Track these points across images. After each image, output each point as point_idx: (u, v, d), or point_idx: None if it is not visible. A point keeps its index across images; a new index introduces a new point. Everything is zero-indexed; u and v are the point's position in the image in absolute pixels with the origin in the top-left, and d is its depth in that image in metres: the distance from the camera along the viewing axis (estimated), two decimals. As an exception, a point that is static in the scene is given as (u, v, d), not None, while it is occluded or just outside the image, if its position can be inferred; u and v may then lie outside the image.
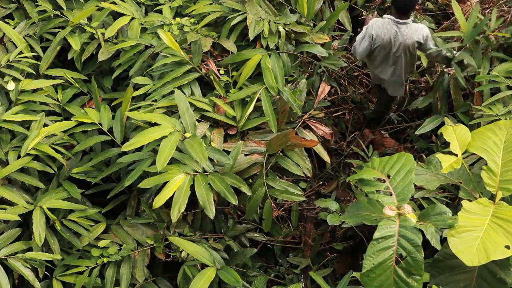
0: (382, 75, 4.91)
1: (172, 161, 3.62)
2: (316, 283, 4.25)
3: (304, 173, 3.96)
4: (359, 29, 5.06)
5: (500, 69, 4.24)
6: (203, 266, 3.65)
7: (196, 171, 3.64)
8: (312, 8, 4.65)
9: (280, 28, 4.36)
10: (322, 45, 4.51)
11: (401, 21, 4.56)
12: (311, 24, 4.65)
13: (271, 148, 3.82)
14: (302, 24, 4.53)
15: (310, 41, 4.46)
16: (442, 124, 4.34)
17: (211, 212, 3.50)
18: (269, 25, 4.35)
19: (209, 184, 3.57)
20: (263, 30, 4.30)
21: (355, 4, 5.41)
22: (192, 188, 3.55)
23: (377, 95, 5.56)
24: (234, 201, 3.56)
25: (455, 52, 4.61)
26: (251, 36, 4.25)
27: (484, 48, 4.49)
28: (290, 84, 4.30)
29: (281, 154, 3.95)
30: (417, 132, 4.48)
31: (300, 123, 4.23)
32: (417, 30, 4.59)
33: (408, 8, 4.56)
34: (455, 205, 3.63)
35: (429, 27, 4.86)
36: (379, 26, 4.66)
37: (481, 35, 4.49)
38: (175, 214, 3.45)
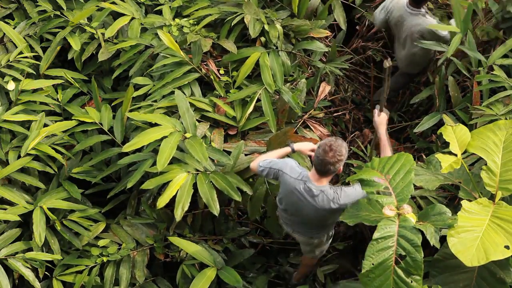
0: (396, 50, 5.04)
1: (174, 160, 3.63)
2: (318, 281, 4.26)
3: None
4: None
5: (496, 55, 4.24)
6: (202, 265, 3.66)
7: (198, 170, 3.64)
8: (304, 6, 4.65)
9: (278, 26, 4.36)
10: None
11: (410, 10, 4.61)
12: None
13: (271, 147, 3.82)
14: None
15: (310, 36, 4.46)
16: (441, 121, 4.33)
17: (215, 209, 3.50)
18: (268, 22, 4.35)
19: (211, 182, 3.57)
20: (263, 27, 4.31)
21: (353, 3, 5.37)
22: (193, 188, 3.54)
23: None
24: (238, 197, 3.56)
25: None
26: (252, 34, 4.25)
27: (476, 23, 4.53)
28: (289, 84, 4.30)
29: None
30: (416, 130, 4.46)
31: (300, 123, 4.23)
32: (418, 23, 4.62)
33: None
34: (455, 205, 3.63)
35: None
36: (395, 2, 4.71)
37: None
38: (179, 213, 3.45)
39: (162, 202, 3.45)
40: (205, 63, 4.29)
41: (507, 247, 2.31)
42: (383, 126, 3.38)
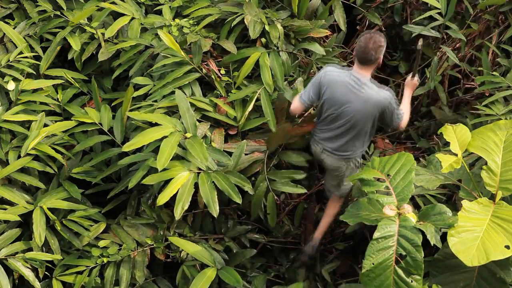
0: None
1: (176, 158, 3.62)
2: (319, 280, 4.26)
3: (306, 162, 4.00)
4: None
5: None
6: (203, 266, 3.66)
7: (200, 169, 3.64)
8: (304, 6, 4.63)
9: (279, 26, 4.36)
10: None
11: None
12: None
13: (271, 144, 3.83)
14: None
15: (310, 36, 4.46)
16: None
17: (215, 210, 3.49)
18: (268, 23, 4.35)
19: (213, 182, 3.57)
20: (264, 28, 4.31)
21: (353, 3, 5.34)
22: (194, 187, 3.54)
23: None
24: (238, 199, 3.55)
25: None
26: (252, 35, 4.25)
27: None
28: (286, 83, 4.29)
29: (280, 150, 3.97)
30: None
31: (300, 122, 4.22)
32: None
33: None
34: (452, 202, 3.63)
35: None
36: None
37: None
38: (179, 211, 3.45)
39: (162, 199, 3.44)
40: (205, 63, 4.29)
41: (507, 247, 2.31)
42: (411, 88, 3.84)
